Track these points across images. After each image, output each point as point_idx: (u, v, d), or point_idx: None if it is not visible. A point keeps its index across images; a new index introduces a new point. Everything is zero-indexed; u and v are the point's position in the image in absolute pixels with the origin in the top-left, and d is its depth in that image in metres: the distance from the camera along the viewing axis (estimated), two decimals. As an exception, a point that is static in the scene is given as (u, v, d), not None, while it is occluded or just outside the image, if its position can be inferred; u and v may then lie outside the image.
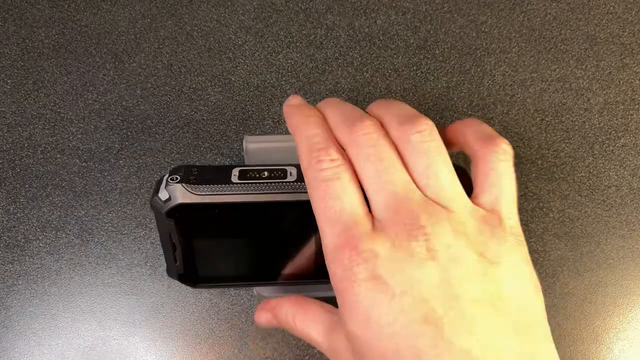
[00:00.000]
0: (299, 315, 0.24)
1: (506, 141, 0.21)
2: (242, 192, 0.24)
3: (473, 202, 0.21)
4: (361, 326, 0.19)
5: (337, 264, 0.19)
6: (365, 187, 0.20)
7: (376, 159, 0.20)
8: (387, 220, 0.19)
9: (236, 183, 0.24)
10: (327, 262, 0.20)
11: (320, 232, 0.20)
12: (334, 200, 0.19)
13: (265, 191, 0.24)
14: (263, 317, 0.27)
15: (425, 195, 0.20)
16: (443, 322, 0.17)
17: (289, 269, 0.26)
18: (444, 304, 0.18)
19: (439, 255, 0.18)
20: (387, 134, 0.21)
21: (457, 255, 0.18)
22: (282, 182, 0.24)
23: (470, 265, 0.18)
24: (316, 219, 0.20)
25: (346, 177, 0.20)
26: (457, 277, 0.18)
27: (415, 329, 0.17)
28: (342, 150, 0.21)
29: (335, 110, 0.23)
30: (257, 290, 0.28)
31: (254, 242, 0.26)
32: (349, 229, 0.19)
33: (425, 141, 0.20)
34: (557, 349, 0.19)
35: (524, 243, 0.21)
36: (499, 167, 0.21)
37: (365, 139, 0.21)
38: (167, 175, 0.24)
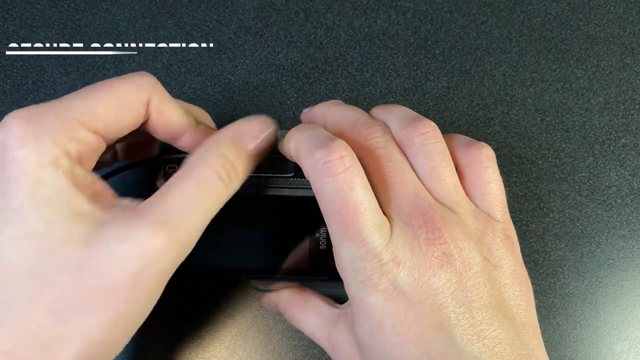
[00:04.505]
0: (297, 306, 0.25)
1: (487, 145, 0.21)
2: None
3: None
4: (372, 334, 0.18)
5: (356, 274, 0.18)
6: (376, 189, 0.20)
7: (386, 160, 0.20)
8: (401, 223, 0.19)
9: None
10: (343, 270, 0.19)
11: (336, 244, 0.19)
12: (353, 215, 0.18)
13: (261, 184, 0.24)
14: (267, 303, 0.28)
15: (433, 197, 0.20)
16: (455, 329, 0.17)
17: (284, 264, 0.26)
18: (457, 310, 0.18)
19: (454, 259, 0.18)
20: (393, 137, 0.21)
21: (468, 259, 0.18)
22: (279, 177, 0.24)
23: (480, 270, 0.19)
24: (331, 230, 0.19)
25: (361, 183, 0.19)
26: (469, 282, 0.18)
27: (428, 336, 0.17)
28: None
29: (338, 113, 0.22)
30: (253, 283, 0.28)
31: (249, 236, 0.26)
32: (371, 240, 0.18)
33: (429, 143, 0.20)
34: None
35: (517, 244, 0.21)
36: (486, 175, 0.21)
37: (374, 142, 0.20)
38: (164, 165, 0.24)
